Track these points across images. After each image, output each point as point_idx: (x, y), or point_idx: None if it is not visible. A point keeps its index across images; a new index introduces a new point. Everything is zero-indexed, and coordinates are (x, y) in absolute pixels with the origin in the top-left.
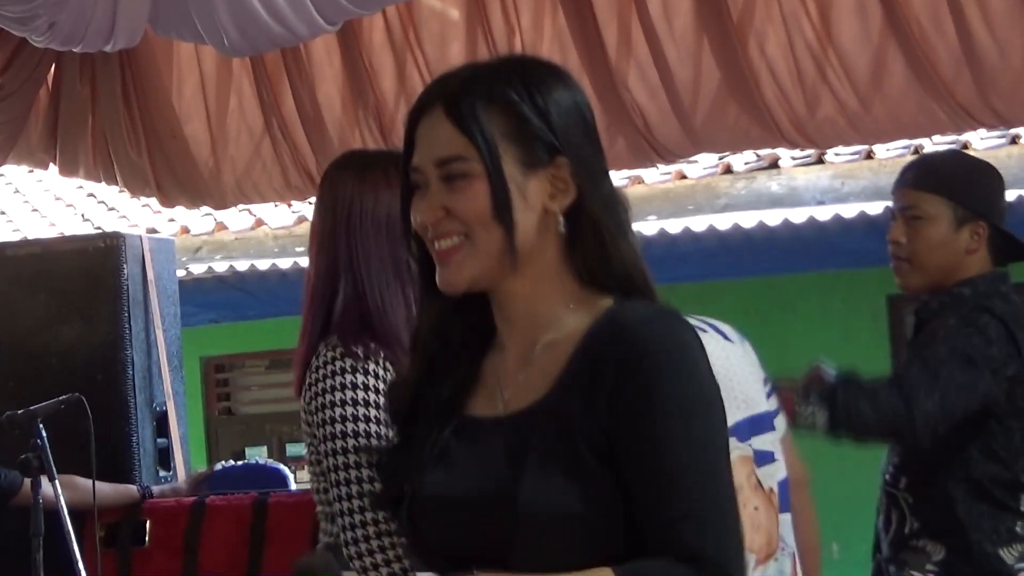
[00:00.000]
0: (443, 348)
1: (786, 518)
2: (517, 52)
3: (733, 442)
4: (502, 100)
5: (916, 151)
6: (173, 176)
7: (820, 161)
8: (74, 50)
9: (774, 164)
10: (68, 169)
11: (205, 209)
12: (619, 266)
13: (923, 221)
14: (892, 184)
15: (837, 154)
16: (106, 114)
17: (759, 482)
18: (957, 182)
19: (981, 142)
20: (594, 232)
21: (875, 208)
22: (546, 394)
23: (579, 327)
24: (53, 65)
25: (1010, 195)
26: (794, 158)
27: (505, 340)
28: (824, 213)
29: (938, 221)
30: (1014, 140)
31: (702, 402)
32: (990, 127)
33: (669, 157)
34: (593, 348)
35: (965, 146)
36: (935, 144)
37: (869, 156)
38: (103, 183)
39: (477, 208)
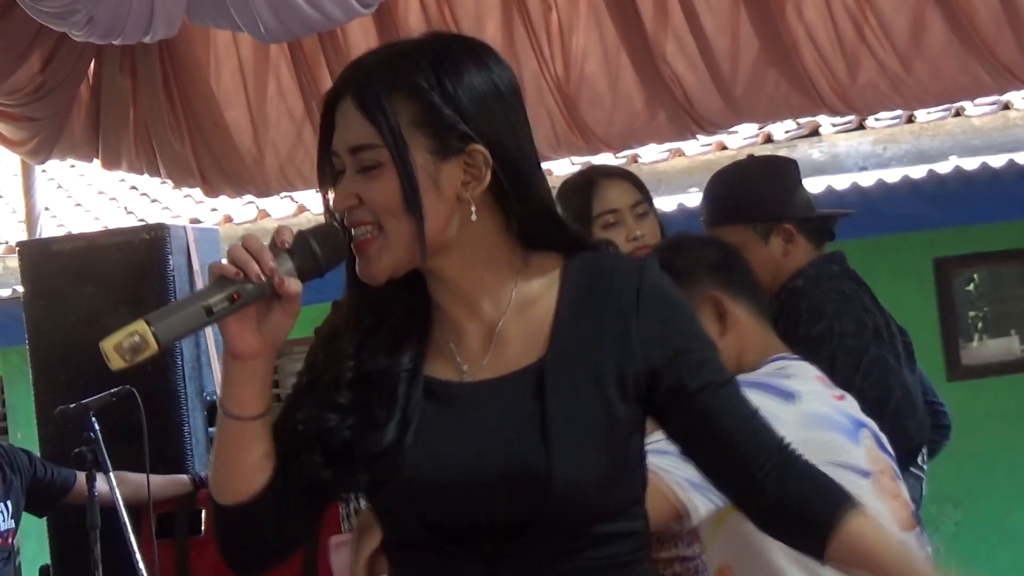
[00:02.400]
0: (378, 320)
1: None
2: (440, 29)
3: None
4: (409, 88)
5: (957, 113)
6: (216, 165)
7: (861, 127)
8: (114, 43)
9: (815, 132)
10: (111, 162)
11: (247, 197)
12: (550, 239)
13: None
14: (934, 147)
15: (877, 119)
16: (148, 106)
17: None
18: (741, 204)
19: (1023, 102)
20: (521, 211)
21: (918, 172)
22: (546, 352)
23: (542, 284)
24: (93, 59)
25: None
26: (834, 125)
27: (450, 310)
28: (867, 179)
29: (746, 246)
30: None
31: None
32: None
33: (710, 128)
34: (586, 297)
35: (1007, 106)
36: (977, 105)
37: (910, 120)
38: (146, 175)
39: (387, 198)
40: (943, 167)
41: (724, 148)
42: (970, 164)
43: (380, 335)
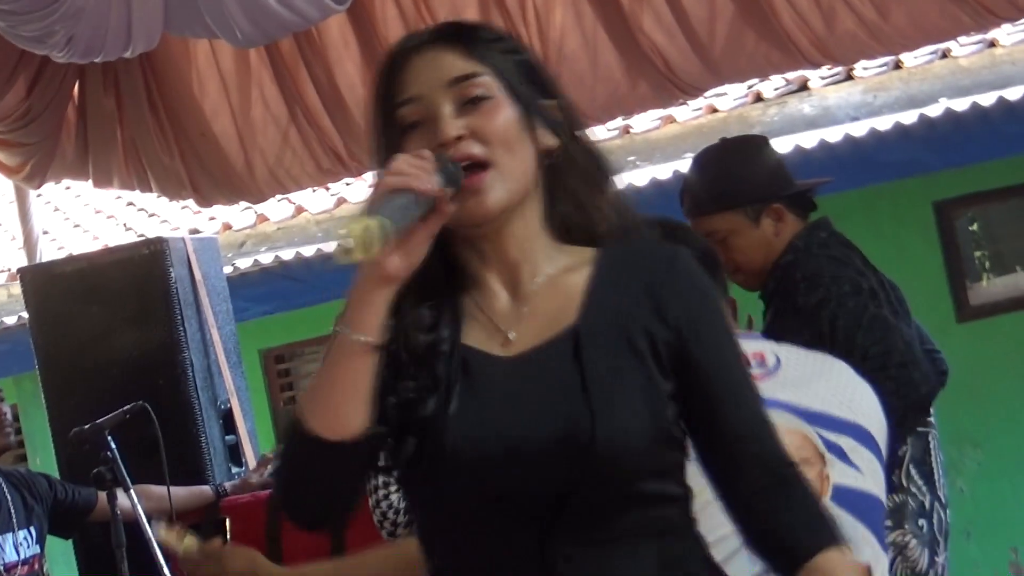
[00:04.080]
0: (419, 288)
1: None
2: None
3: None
4: (500, 39)
5: (944, 55)
6: (207, 175)
7: (849, 77)
8: (95, 60)
9: (804, 86)
10: (102, 181)
11: (245, 203)
12: (599, 215)
13: (728, 238)
14: (924, 91)
15: (866, 68)
16: (134, 122)
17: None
18: (728, 190)
19: (1008, 37)
20: (574, 180)
21: (909, 117)
22: (579, 318)
23: (575, 261)
24: (77, 81)
25: None
26: (823, 77)
27: (485, 277)
28: (859, 129)
29: (738, 231)
30: None
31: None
32: (1014, 20)
33: (692, 92)
34: (619, 271)
35: (992, 44)
36: (963, 46)
37: (898, 66)
38: (138, 191)
39: (503, 125)
40: (933, 110)
41: (715, 111)
42: (960, 105)
43: (425, 304)
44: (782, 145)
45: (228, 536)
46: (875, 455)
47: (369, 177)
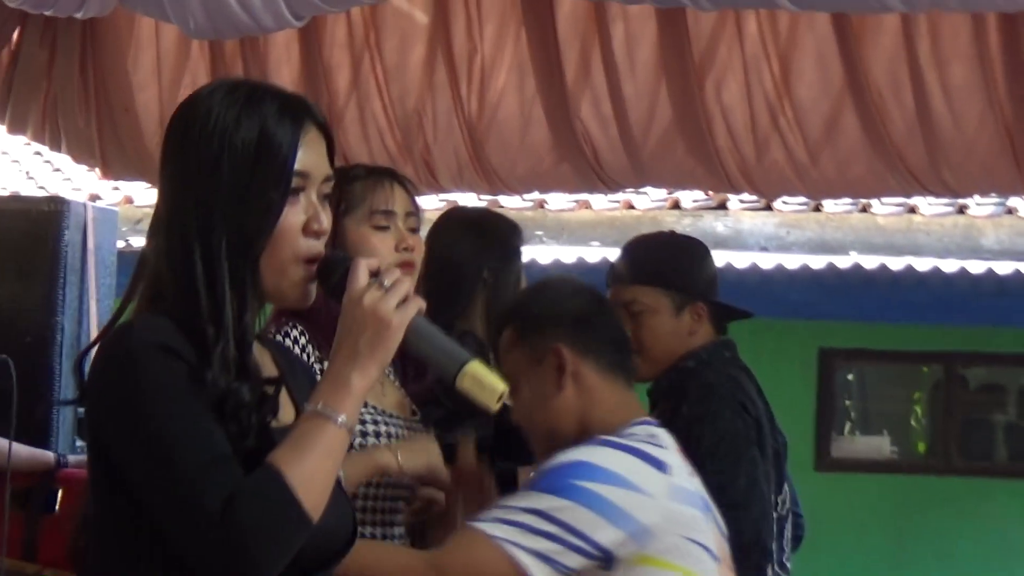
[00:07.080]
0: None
1: None
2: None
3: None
4: None
5: (864, 208)
6: (120, 148)
7: (768, 208)
8: (46, 13)
9: (722, 205)
10: (16, 127)
11: (148, 184)
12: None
13: (645, 314)
14: (836, 239)
15: (785, 202)
16: (61, 80)
17: None
18: (669, 270)
19: (928, 207)
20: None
21: (818, 262)
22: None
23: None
24: (18, 27)
25: (952, 265)
26: (742, 201)
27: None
28: (767, 261)
29: (659, 311)
30: (961, 210)
31: None
32: (937, 195)
33: (613, 186)
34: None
35: (912, 209)
36: (883, 204)
37: (817, 208)
38: (47, 147)
39: None
40: (843, 261)
41: (631, 207)
42: (870, 262)
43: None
44: None
45: (57, 507)
46: None
47: None
